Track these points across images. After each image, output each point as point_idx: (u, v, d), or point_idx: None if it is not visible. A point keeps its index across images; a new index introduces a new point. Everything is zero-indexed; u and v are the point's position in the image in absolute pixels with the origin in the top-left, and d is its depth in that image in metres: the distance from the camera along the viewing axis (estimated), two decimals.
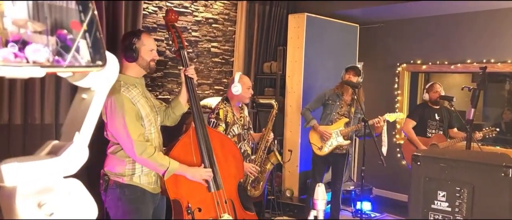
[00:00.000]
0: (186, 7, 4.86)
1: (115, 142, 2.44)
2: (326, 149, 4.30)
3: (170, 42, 3.62)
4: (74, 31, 0.43)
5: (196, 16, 4.97)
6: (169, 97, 4.74)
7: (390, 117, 4.24)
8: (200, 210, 2.57)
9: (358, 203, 5.25)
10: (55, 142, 0.48)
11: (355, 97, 4.22)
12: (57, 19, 0.42)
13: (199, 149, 2.59)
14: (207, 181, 2.59)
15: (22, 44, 0.38)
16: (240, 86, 3.41)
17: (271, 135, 3.67)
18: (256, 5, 5.43)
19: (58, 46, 0.41)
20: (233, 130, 3.39)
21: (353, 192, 5.57)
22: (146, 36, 2.48)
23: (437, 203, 1.67)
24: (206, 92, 5.20)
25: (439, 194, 1.67)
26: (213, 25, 5.19)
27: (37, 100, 3.63)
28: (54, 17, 0.41)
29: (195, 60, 5.02)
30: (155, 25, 4.59)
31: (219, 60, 5.33)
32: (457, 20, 5.49)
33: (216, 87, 5.32)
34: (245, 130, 3.53)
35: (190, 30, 4.95)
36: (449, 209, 1.64)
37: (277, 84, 5.46)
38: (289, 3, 5.82)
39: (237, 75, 3.49)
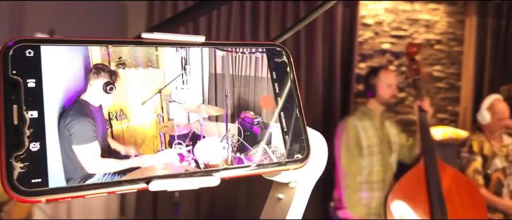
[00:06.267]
0: (405, 30, 4.60)
1: None
2: None
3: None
4: (263, 111, 0.30)
5: (416, 38, 4.64)
6: None
7: None
8: None
9: None
10: None
11: None
12: (240, 94, 0.29)
13: (427, 189, 2.38)
14: None
15: (191, 140, 0.27)
16: (488, 115, 2.86)
17: None
18: (489, 20, 4.71)
19: (241, 137, 0.28)
20: (494, 163, 2.86)
21: None
22: (384, 73, 2.70)
23: None
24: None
25: None
26: (436, 46, 4.75)
27: None
28: (238, 92, 0.29)
29: None
30: (371, 52, 4.47)
31: (443, 85, 4.84)
32: None
33: (439, 115, 4.81)
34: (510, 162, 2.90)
35: None
36: None
37: None
38: None
39: (487, 101, 2.94)
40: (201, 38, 0.29)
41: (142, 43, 0.28)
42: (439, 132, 4.24)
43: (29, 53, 0.26)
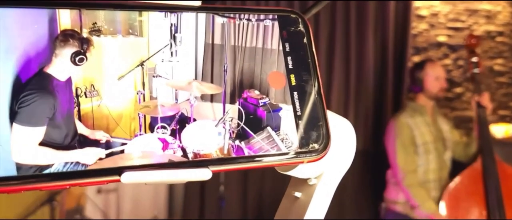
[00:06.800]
0: (463, 21, 4.35)
1: None
2: None
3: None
4: (272, 90, 0.24)
5: (475, 30, 4.38)
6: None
7: None
8: None
9: None
10: None
11: None
12: (244, 70, 0.23)
13: (485, 191, 2.25)
14: None
15: (178, 123, 0.22)
16: None
17: None
18: None
19: (242, 121, 0.23)
20: None
21: None
22: (430, 65, 2.60)
23: None
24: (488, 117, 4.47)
25: None
26: (497, 38, 4.47)
27: None
28: (240, 66, 0.23)
29: None
30: (425, 45, 4.27)
31: (505, 80, 4.57)
32: None
33: (501, 112, 4.53)
34: None
35: None
36: None
37: None
38: None
39: None
40: (196, 2, 0.24)
41: (124, 7, 0.23)
42: (500, 130, 4.02)
43: None
